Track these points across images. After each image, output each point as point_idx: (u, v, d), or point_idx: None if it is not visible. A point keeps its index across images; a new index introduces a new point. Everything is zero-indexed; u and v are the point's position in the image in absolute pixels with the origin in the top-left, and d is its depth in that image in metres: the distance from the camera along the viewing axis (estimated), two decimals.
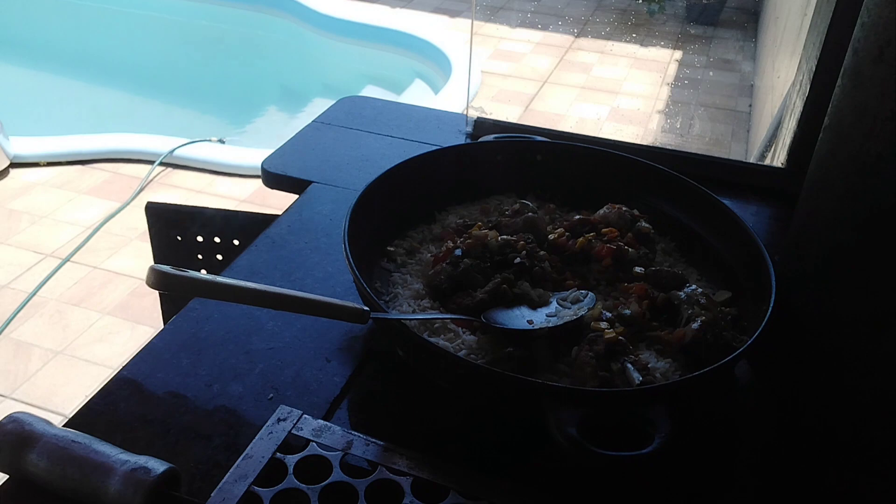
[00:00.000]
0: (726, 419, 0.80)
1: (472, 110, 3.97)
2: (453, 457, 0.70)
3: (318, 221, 1.07)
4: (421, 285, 0.88)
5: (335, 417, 0.76)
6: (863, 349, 0.70)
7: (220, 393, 0.78)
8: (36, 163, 3.37)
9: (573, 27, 5.41)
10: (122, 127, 3.66)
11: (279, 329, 0.87)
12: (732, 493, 0.75)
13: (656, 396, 0.68)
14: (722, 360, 0.71)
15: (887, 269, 0.66)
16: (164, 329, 0.86)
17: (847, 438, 0.72)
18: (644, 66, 4.88)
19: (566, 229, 0.95)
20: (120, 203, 3.14)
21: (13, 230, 2.97)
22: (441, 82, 4.41)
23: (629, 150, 1.12)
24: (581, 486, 0.70)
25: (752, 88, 4.53)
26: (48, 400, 2.25)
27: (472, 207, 1.04)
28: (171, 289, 0.75)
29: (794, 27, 2.88)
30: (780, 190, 1.20)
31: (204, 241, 1.26)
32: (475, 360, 0.77)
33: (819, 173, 0.80)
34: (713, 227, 0.96)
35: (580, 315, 0.80)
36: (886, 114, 0.66)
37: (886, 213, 0.66)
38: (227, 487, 0.64)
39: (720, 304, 0.85)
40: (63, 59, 5.11)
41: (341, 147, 1.27)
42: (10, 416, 0.66)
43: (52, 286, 2.69)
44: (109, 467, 0.62)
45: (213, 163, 3.42)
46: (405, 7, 5.54)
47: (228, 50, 5.39)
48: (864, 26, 0.71)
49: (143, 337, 2.40)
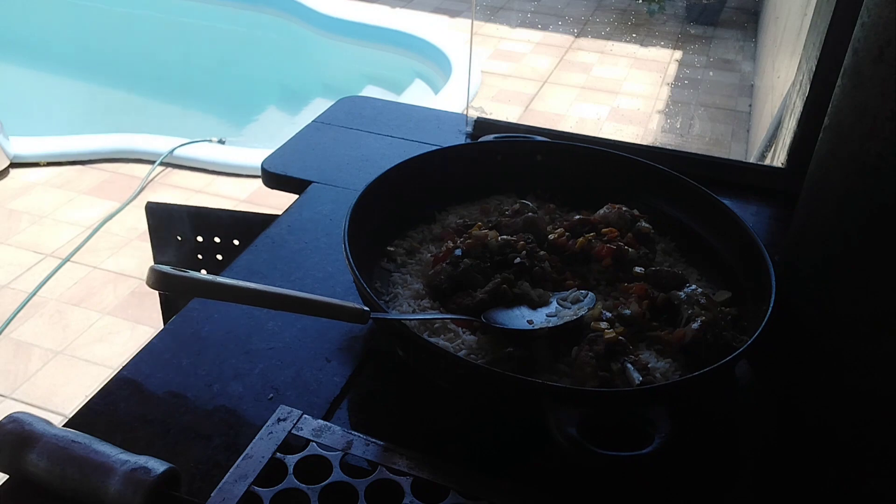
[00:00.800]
0: (726, 419, 0.80)
1: (472, 110, 3.97)
2: (453, 457, 0.70)
3: (318, 221, 1.07)
4: (421, 285, 0.88)
5: (335, 417, 0.76)
6: (863, 349, 0.69)
7: (220, 393, 0.78)
8: (36, 163, 3.37)
9: (573, 27, 5.41)
10: (122, 127, 3.66)
11: (279, 329, 0.87)
12: (732, 493, 0.75)
13: (656, 396, 0.68)
14: (722, 360, 0.71)
15: (887, 270, 0.66)
16: (164, 329, 0.86)
17: (847, 438, 0.72)
18: (644, 66, 4.88)
19: (566, 229, 0.95)
20: (120, 203, 3.14)
21: (13, 230, 2.97)
22: (441, 82, 4.41)
23: (629, 150, 1.12)
24: (581, 486, 0.70)
25: (752, 88, 4.53)
26: (48, 400, 2.25)
27: (472, 207, 1.04)
28: (171, 289, 0.75)
29: (794, 27, 2.88)
30: (780, 190, 1.20)
31: (204, 241, 1.26)
32: (475, 360, 0.77)
33: (819, 173, 0.80)
34: (713, 227, 0.96)
35: (580, 315, 0.80)
36: (886, 114, 0.66)
37: (886, 213, 0.66)
38: (227, 487, 0.64)
39: (720, 304, 0.85)
40: (63, 59, 5.11)
41: (341, 147, 1.27)
42: (10, 416, 0.66)
43: (52, 286, 2.69)
44: (109, 467, 0.62)
45: (213, 163, 3.42)
46: (405, 7, 5.54)
47: (228, 50, 5.39)
48: (864, 26, 0.71)
49: (143, 337, 2.40)
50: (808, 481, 0.73)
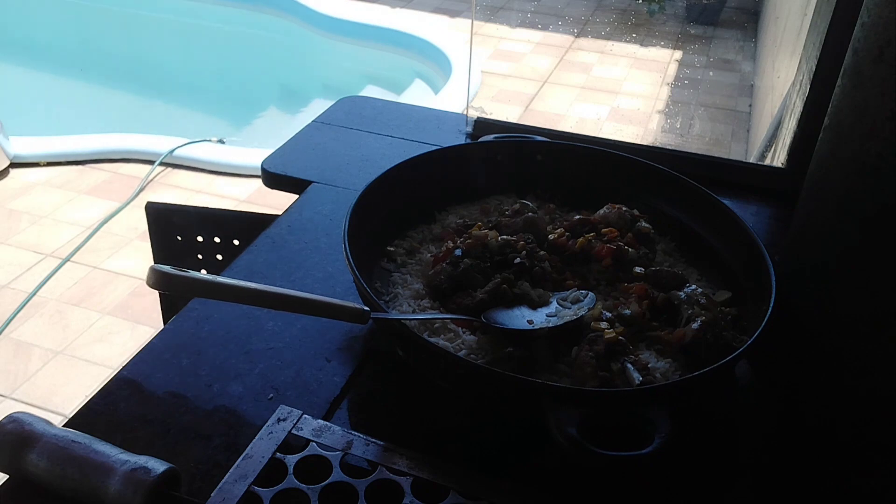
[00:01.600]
0: (726, 419, 0.80)
1: (472, 110, 3.97)
2: (453, 457, 0.70)
3: (318, 221, 1.07)
4: (421, 285, 0.88)
5: (335, 417, 0.76)
6: (863, 349, 0.70)
7: (220, 393, 0.78)
8: (36, 163, 3.37)
9: (573, 27, 5.41)
10: (122, 127, 3.66)
11: (279, 329, 0.87)
12: (732, 493, 0.75)
13: (656, 396, 0.68)
14: (722, 360, 0.71)
15: (887, 269, 0.66)
16: (164, 329, 0.86)
17: (847, 438, 0.72)
18: (644, 66, 4.88)
19: (566, 229, 0.95)
20: (120, 203, 3.14)
21: (13, 230, 2.97)
22: (441, 82, 4.41)
23: (629, 150, 1.12)
24: (581, 486, 0.70)
25: (752, 88, 4.53)
26: (48, 400, 2.25)
27: (472, 207, 1.04)
28: (171, 289, 0.75)
29: (794, 27, 2.88)
30: (780, 190, 1.20)
31: (204, 241, 1.26)
32: (475, 360, 0.77)
33: (819, 173, 0.80)
34: (713, 227, 0.96)
35: (580, 315, 0.80)
36: (886, 114, 0.66)
37: (886, 213, 0.66)
38: (227, 487, 0.64)
39: (720, 304, 0.85)
40: (63, 59, 5.11)
41: (341, 147, 1.27)
42: (10, 416, 0.66)
43: (52, 286, 2.69)
44: (109, 467, 0.62)
45: (213, 163, 3.42)
46: (405, 7, 5.54)
47: (228, 50, 5.39)
48: (864, 26, 0.71)
49: (143, 337, 2.40)
50: (808, 481, 0.73)
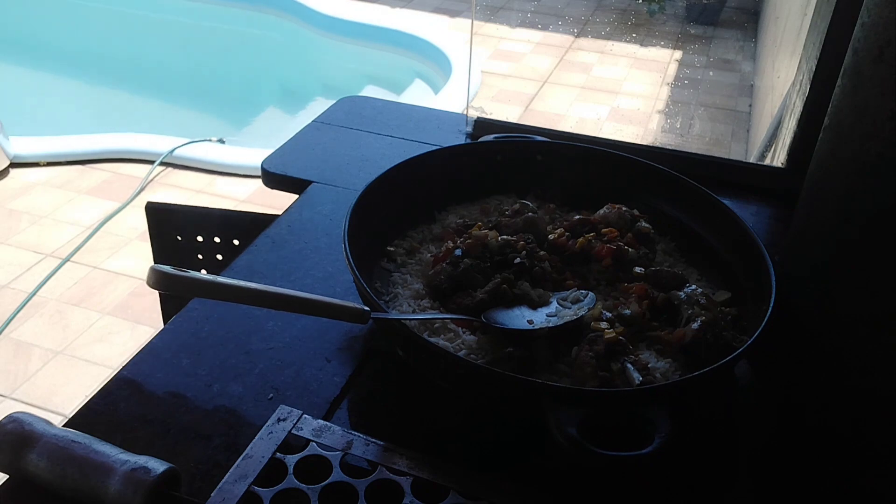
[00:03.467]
0: (726, 419, 0.81)
1: (472, 110, 3.97)
2: (453, 457, 0.70)
3: (318, 221, 1.07)
4: (421, 285, 0.88)
5: (335, 417, 0.76)
6: (863, 349, 0.70)
7: (220, 393, 0.78)
8: (36, 163, 3.37)
9: (573, 27, 5.41)
10: (122, 127, 3.66)
11: (279, 329, 0.87)
12: (732, 493, 0.75)
13: (656, 396, 0.68)
14: (722, 360, 0.71)
15: (887, 270, 0.66)
16: (164, 329, 0.86)
17: (847, 438, 0.72)
18: (644, 66, 4.88)
19: (566, 229, 0.95)
20: (120, 203, 3.14)
21: (13, 230, 2.97)
22: (441, 82, 4.41)
23: (629, 150, 1.12)
24: (581, 486, 0.70)
25: (752, 88, 4.53)
26: (48, 400, 2.25)
27: (472, 207, 1.04)
28: (171, 289, 0.75)
29: (794, 27, 2.88)
30: (780, 190, 1.20)
31: (204, 241, 1.26)
32: (475, 360, 0.77)
33: (819, 173, 0.80)
34: (713, 227, 0.96)
35: (580, 315, 0.80)
36: (886, 114, 0.66)
37: (886, 213, 0.66)
38: (227, 487, 0.64)
39: (720, 304, 0.85)
40: (63, 59, 5.11)
41: (341, 147, 1.27)
42: (10, 416, 0.66)
43: (52, 286, 2.69)
44: (109, 467, 0.62)
45: (213, 163, 3.42)
46: (405, 7, 5.54)
47: (228, 50, 5.39)
48: (864, 26, 0.71)
49: (143, 337, 2.40)
50: (808, 481, 0.73)
